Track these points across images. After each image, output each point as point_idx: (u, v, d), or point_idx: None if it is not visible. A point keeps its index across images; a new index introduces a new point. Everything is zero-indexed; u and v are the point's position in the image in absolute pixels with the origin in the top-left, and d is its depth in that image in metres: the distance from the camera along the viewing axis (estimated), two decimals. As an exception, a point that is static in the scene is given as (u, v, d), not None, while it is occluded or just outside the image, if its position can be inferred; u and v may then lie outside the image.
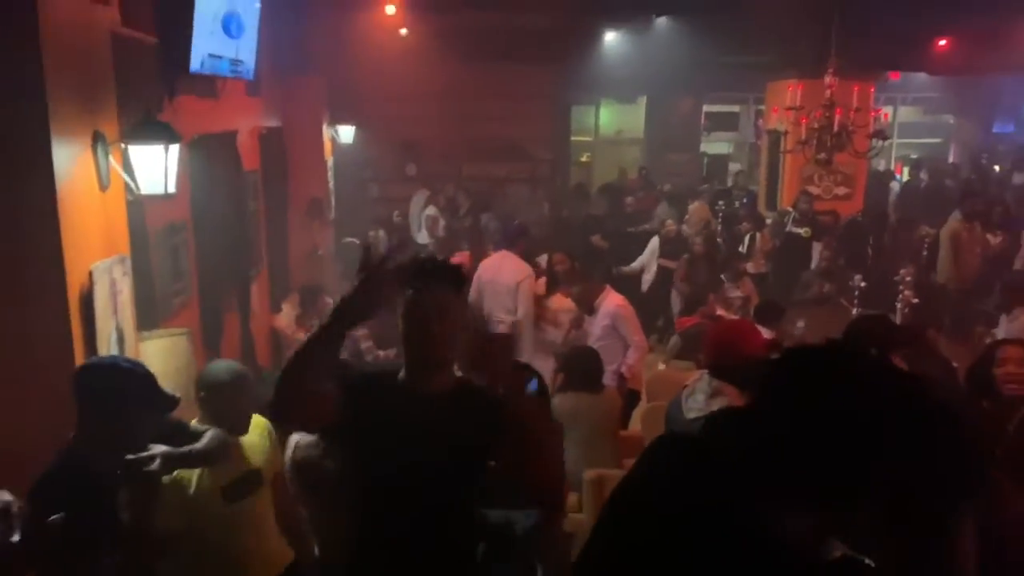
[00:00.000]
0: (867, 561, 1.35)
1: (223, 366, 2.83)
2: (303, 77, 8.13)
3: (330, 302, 6.82)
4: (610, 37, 10.88)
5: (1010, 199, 10.27)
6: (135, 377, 2.30)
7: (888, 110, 13.45)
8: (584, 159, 15.22)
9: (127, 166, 3.50)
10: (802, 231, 8.61)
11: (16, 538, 1.85)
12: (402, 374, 2.16)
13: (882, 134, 7.05)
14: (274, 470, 2.86)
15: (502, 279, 5.91)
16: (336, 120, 9.38)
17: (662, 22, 9.69)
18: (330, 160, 9.26)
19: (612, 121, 15.58)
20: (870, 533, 1.34)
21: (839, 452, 1.23)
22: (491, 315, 5.80)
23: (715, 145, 15.99)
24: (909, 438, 1.26)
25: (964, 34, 10.35)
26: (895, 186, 12.63)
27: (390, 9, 8.88)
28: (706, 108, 15.24)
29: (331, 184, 9.24)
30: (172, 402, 2.35)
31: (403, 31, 9.83)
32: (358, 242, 9.38)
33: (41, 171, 2.87)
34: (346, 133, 9.59)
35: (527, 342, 5.68)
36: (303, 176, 8.23)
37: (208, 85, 5.32)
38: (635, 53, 10.86)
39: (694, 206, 9.72)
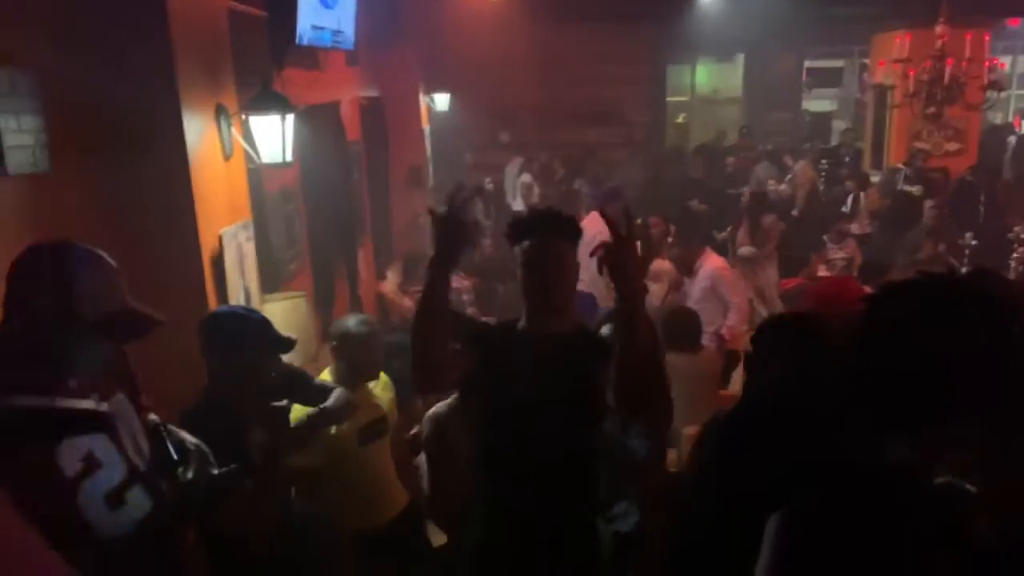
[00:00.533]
0: (970, 487, 1.38)
1: (353, 319, 3.09)
2: (399, 46, 8.29)
3: (428, 268, 7.02)
4: (707, -8, 10.60)
5: None
6: (252, 322, 2.53)
7: (1007, 60, 12.64)
8: (680, 120, 14.92)
9: (247, 136, 3.72)
10: (914, 189, 8.27)
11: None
12: (522, 322, 2.27)
13: (998, 85, 6.67)
14: (393, 420, 3.07)
15: (588, 239, 6.00)
16: (431, 88, 9.52)
17: (761, -25, 9.37)
18: (427, 128, 9.42)
19: (709, 80, 15.19)
20: (974, 460, 1.36)
21: (936, 376, 1.27)
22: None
23: (817, 103, 15.39)
24: (1003, 362, 1.28)
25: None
26: (1013, 140, 11.88)
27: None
28: (807, 64, 14.66)
29: (429, 152, 9.42)
30: (288, 344, 2.57)
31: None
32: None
33: (174, 143, 3.10)
34: (441, 101, 9.72)
35: (598, 291, 5.78)
36: (402, 145, 8.42)
37: (312, 56, 5.52)
38: (732, 9, 10.53)
39: (799, 166, 9.45)
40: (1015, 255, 6.21)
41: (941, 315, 1.30)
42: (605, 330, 3.28)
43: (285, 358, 2.67)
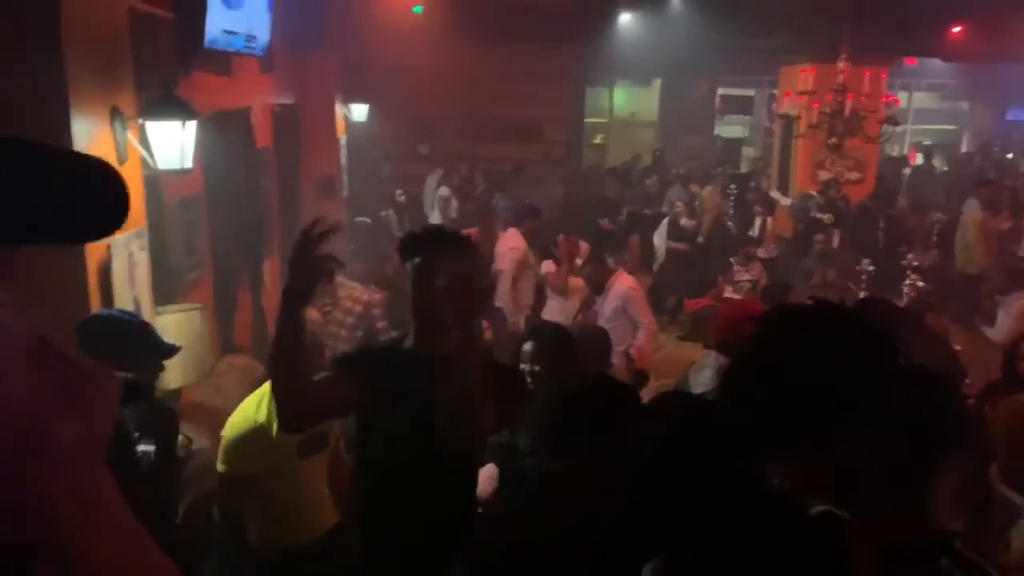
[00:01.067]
0: (845, 515, 1.39)
1: None
2: (316, 54, 8.15)
3: (341, 281, 6.88)
4: (625, 18, 10.84)
5: (1020, 186, 10.25)
6: (131, 325, 2.42)
7: (903, 95, 13.36)
8: (598, 141, 15.17)
9: (144, 141, 3.56)
10: (824, 217, 8.63)
11: None
12: (408, 340, 2.23)
13: (893, 119, 7.03)
14: (334, 436, 2.99)
15: (501, 254, 6.19)
16: (349, 98, 9.40)
17: (676, 3, 9.64)
18: (343, 138, 9.29)
19: (626, 103, 15.51)
20: (851, 487, 1.39)
21: (817, 404, 1.28)
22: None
23: (729, 128, 15.91)
24: (886, 391, 1.31)
25: (979, 20, 10.25)
26: (908, 172, 12.57)
27: (404, -13, 8.86)
28: (720, 91, 15.15)
29: (344, 162, 9.28)
30: (170, 350, 2.47)
31: (417, 8, 9.81)
32: (370, 221, 9.46)
33: (61, 145, 2.93)
34: (359, 111, 9.60)
35: (506, 305, 6.00)
36: (316, 154, 8.26)
37: (223, 61, 5.36)
38: (650, 34, 10.81)
39: (706, 192, 9.74)
40: (907, 282, 6.52)
41: (817, 341, 1.32)
42: (527, 346, 3.30)
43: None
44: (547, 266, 6.12)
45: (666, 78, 14.36)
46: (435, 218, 9.69)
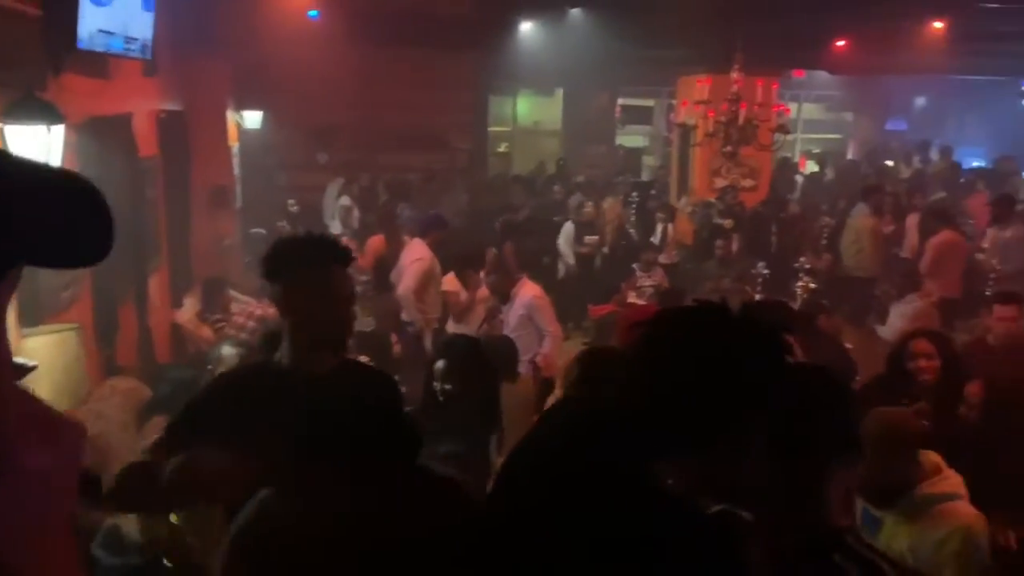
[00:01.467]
0: (744, 515, 1.41)
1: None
2: (206, 59, 7.80)
3: (234, 295, 6.59)
4: (526, 27, 10.86)
5: (901, 191, 10.83)
6: None
7: (793, 106, 13.94)
8: (502, 149, 15.19)
9: (5, 146, 3.27)
10: (725, 222, 8.86)
11: None
12: (283, 358, 2.08)
13: (784, 128, 7.28)
14: None
15: (405, 264, 6.12)
16: (242, 105, 9.06)
17: (576, 14, 9.71)
18: (235, 146, 8.94)
19: (530, 112, 15.60)
20: (748, 486, 1.40)
21: (709, 403, 1.29)
22: None
23: (631, 138, 16.21)
24: (773, 390, 1.32)
25: (861, 36, 10.81)
26: (799, 179, 13.09)
27: (299, -10, 8.60)
28: (621, 101, 15.42)
29: (237, 172, 8.93)
30: (22, 370, 2.28)
31: (313, 12, 9.55)
32: (265, 232, 9.13)
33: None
34: (252, 119, 9.28)
35: (414, 318, 6.02)
36: (206, 163, 7.91)
37: (100, 63, 5.03)
38: (551, 45, 10.88)
39: (607, 203, 9.88)
40: (800, 284, 6.74)
41: (699, 342, 1.33)
42: (439, 365, 3.17)
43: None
44: (449, 282, 5.98)
45: (568, 88, 14.51)
46: (336, 228, 9.43)
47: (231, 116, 8.76)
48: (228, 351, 3.13)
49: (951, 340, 4.20)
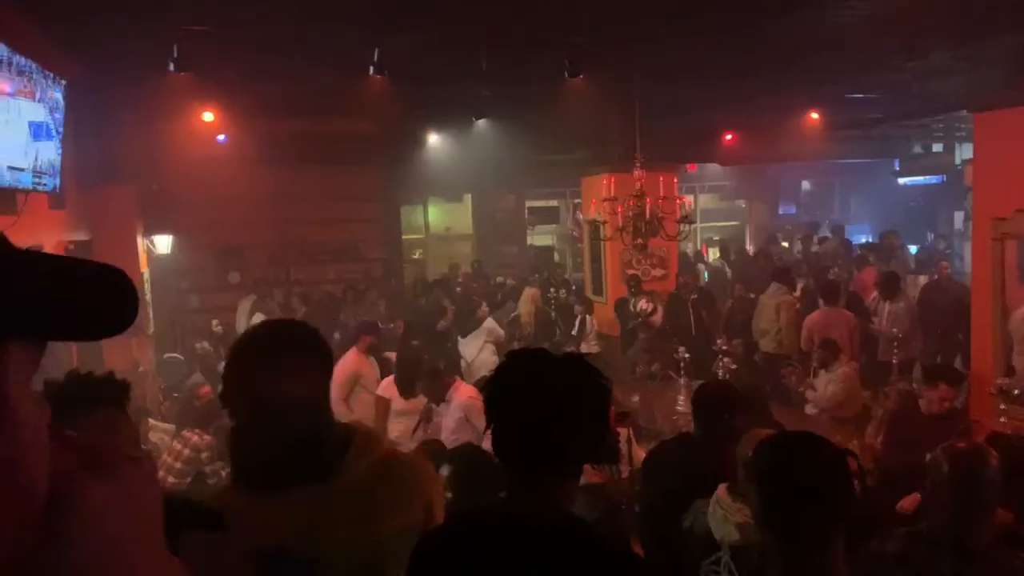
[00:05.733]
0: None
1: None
2: (112, 187, 7.73)
3: (153, 424, 6.33)
4: (433, 139, 11.26)
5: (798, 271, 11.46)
6: None
7: (690, 198, 14.70)
8: (417, 256, 15.37)
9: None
10: (648, 308, 9.19)
11: None
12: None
13: (688, 219, 7.67)
14: None
15: (342, 376, 6.04)
16: (151, 230, 8.95)
17: (481, 124, 10.14)
18: (146, 272, 8.76)
19: (441, 218, 15.91)
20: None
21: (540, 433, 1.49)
22: None
23: (540, 237, 16.71)
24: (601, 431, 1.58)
25: (746, 129, 11.66)
26: (702, 267, 13.67)
27: (207, 116, 8.69)
28: (528, 203, 15.95)
29: (148, 297, 8.72)
30: None
31: (221, 137, 9.65)
32: (182, 357, 8.87)
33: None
34: (163, 243, 9.15)
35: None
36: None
37: (6, 200, 4.94)
38: (458, 154, 11.27)
39: (526, 292, 10.15)
40: (720, 365, 6.97)
41: (545, 384, 1.51)
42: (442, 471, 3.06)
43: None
44: (385, 387, 5.92)
45: (477, 193, 14.93)
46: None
47: (141, 242, 8.63)
48: None
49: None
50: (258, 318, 9.60)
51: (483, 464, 2.89)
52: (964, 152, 14.11)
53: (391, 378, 5.96)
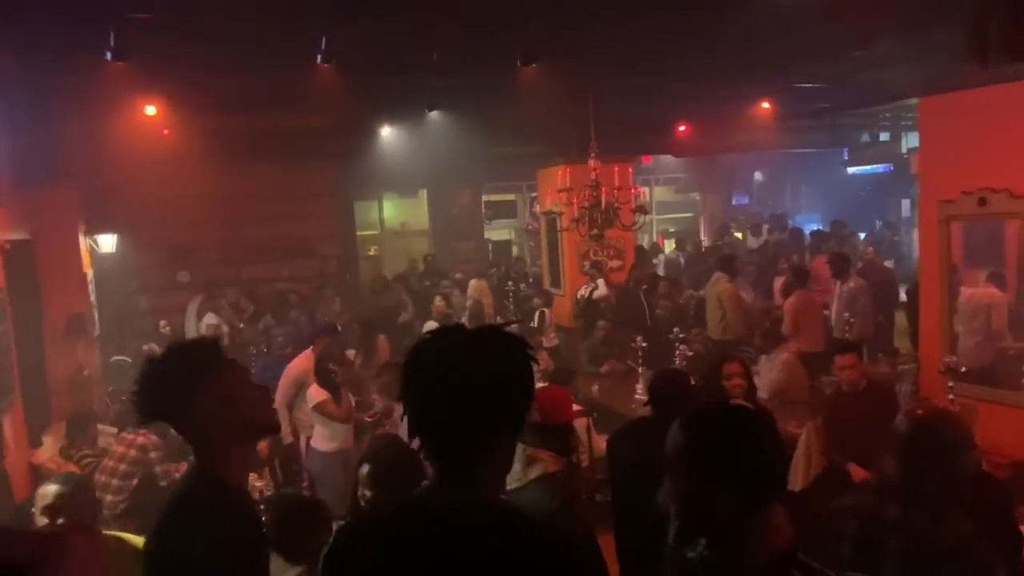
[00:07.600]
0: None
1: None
2: (53, 185, 7.45)
3: (101, 428, 6.12)
4: (386, 132, 11.06)
5: (758, 260, 11.59)
6: None
7: (645, 190, 14.78)
8: (372, 252, 15.17)
9: None
10: (604, 298, 9.28)
11: None
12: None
13: (643, 209, 7.68)
14: None
15: (294, 377, 6.11)
16: (94, 229, 8.67)
17: (435, 117, 9.98)
18: (90, 272, 8.49)
19: (396, 214, 15.73)
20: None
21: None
22: None
23: (498, 231, 16.62)
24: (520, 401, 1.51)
25: (698, 120, 11.72)
26: (661, 258, 13.74)
27: (150, 110, 8.41)
28: (485, 198, 15.85)
29: (93, 298, 8.45)
30: None
31: (165, 132, 9.36)
32: (129, 360, 8.61)
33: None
34: (107, 242, 8.87)
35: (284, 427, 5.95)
36: (59, 291, 7.47)
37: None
38: (412, 147, 11.10)
39: (473, 282, 10.11)
40: (677, 353, 7.01)
41: (461, 358, 1.42)
42: (365, 469, 2.97)
43: None
44: (314, 392, 5.58)
45: (432, 188, 14.79)
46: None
47: (84, 241, 8.35)
48: (49, 489, 2.84)
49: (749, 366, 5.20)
50: (211, 319, 9.38)
51: (400, 454, 2.75)
52: (910, 141, 14.41)
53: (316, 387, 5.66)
